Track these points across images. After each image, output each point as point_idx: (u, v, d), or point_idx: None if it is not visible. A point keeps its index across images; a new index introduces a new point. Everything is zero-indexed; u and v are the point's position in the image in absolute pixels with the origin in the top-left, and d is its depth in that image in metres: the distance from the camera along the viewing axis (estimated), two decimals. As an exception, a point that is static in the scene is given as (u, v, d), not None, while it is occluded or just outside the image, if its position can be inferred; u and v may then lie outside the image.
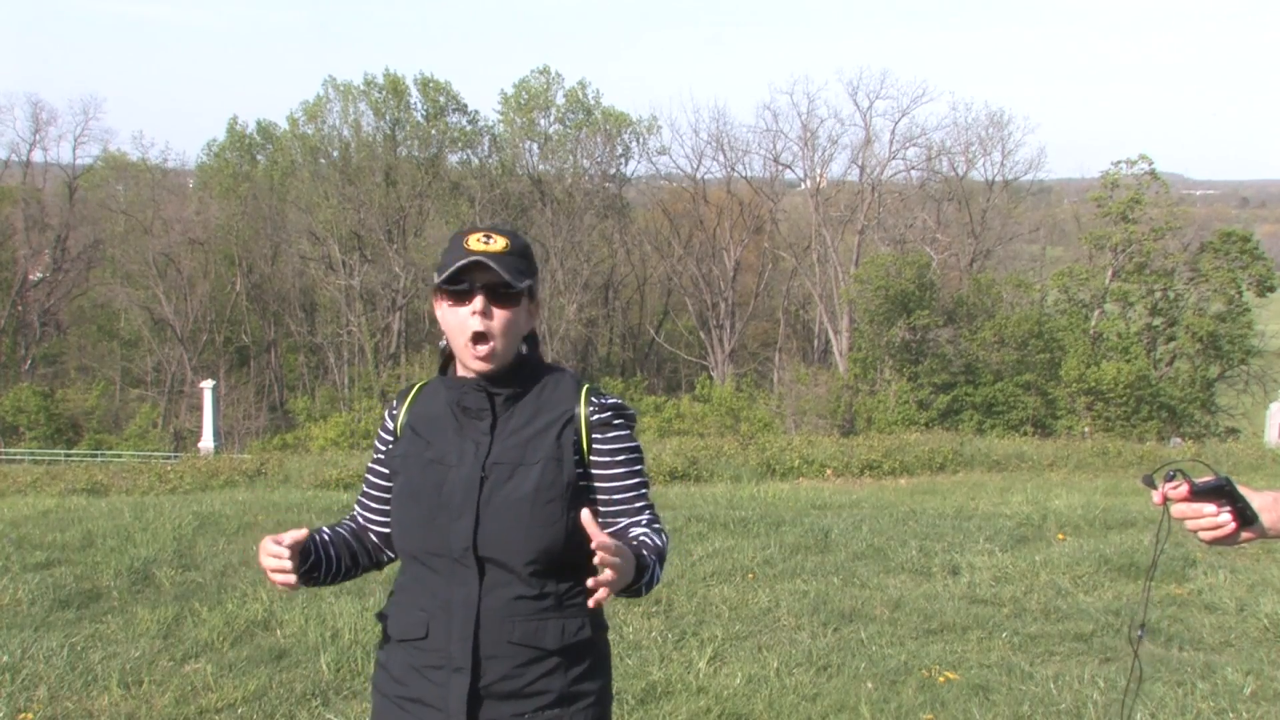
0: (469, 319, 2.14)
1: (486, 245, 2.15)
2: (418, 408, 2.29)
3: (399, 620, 2.23)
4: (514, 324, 2.17)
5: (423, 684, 2.19)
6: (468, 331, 2.14)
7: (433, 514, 2.16)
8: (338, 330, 50.78)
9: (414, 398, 2.31)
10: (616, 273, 55.71)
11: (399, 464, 2.25)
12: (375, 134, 52.83)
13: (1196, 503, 1.91)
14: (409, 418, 2.28)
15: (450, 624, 2.16)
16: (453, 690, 2.15)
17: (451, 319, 2.16)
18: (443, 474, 2.18)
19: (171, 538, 7.86)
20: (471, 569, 2.15)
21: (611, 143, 53.73)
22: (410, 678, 2.20)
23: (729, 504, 10.26)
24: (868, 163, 48.39)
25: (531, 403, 2.22)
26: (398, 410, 2.31)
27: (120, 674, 4.81)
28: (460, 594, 2.15)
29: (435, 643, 2.17)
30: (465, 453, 2.18)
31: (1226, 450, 18.91)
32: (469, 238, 2.17)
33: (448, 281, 2.14)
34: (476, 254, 2.13)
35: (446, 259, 2.17)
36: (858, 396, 39.09)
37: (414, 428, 2.26)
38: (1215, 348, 36.77)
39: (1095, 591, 6.51)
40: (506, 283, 2.14)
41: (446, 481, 2.17)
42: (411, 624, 2.20)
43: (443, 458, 2.19)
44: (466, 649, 2.14)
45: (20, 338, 51.08)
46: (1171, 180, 42.37)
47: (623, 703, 4.55)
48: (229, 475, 14.57)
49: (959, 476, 15.17)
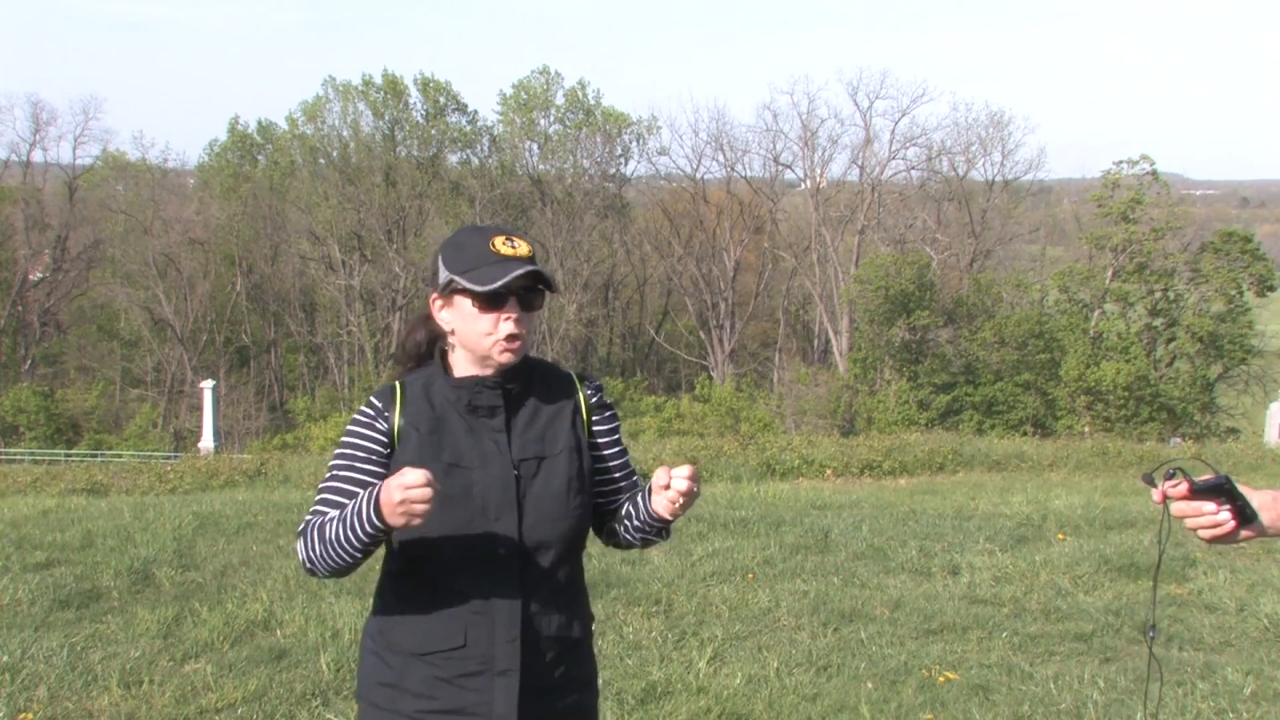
0: (503, 323, 2.12)
1: (515, 249, 2.14)
2: (411, 409, 2.18)
3: (420, 633, 2.14)
4: (536, 324, 2.22)
5: (459, 694, 2.13)
6: (501, 334, 2.13)
7: (470, 519, 2.11)
8: (338, 330, 50.78)
9: (403, 399, 2.20)
10: (616, 273, 55.72)
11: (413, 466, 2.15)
12: (375, 134, 52.85)
13: (1196, 501, 1.91)
14: (406, 420, 2.17)
15: (493, 627, 2.12)
16: (499, 694, 2.12)
17: (480, 324, 2.13)
18: (467, 477, 2.13)
19: (171, 538, 7.86)
20: (513, 569, 2.13)
21: (611, 143, 53.74)
22: (440, 690, 2.13)
23: (729, 504, 10.26)
24: (868, 163, 48.48)
25: (532, 395, 2.23)
26: (389, 413, 2.18)
27: (120, 674, 4.81)
28: (502, 595, 2.12)
29: (476, 649, 2.12)
30: (487, 453, 2.15)
31: (1226, 450, 18.92)
32: (493, 240, 2.14)
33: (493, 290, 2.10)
34: (515, 259, 2.12)
35: (476, 262, 2.12)
36: (858, 396, 39.10)
37: (416, 430, 2.16)
38: (1216, 348, 36.76)
39: (1095, 591, 6.51)
40: (546, 289, 2.16)
41: (475, 484, 2.13)
42: (442, 634, 2.13)
43: (461, 460, 2.14)
44: (514, 650, 2.13)
45: (20, 338, 51.08)
46: (1171, 180, 42.34)
47: (623, 703, 4.55)
48: (229, 475, 14.57)
49: (959, 476, 15.17)
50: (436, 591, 2.14)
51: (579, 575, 2.28)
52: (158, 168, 55.16)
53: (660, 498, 2.12)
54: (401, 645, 2.16)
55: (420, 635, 2.14)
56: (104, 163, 55.63)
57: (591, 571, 6.04)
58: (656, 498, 2.14)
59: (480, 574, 2.12)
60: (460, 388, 2.18)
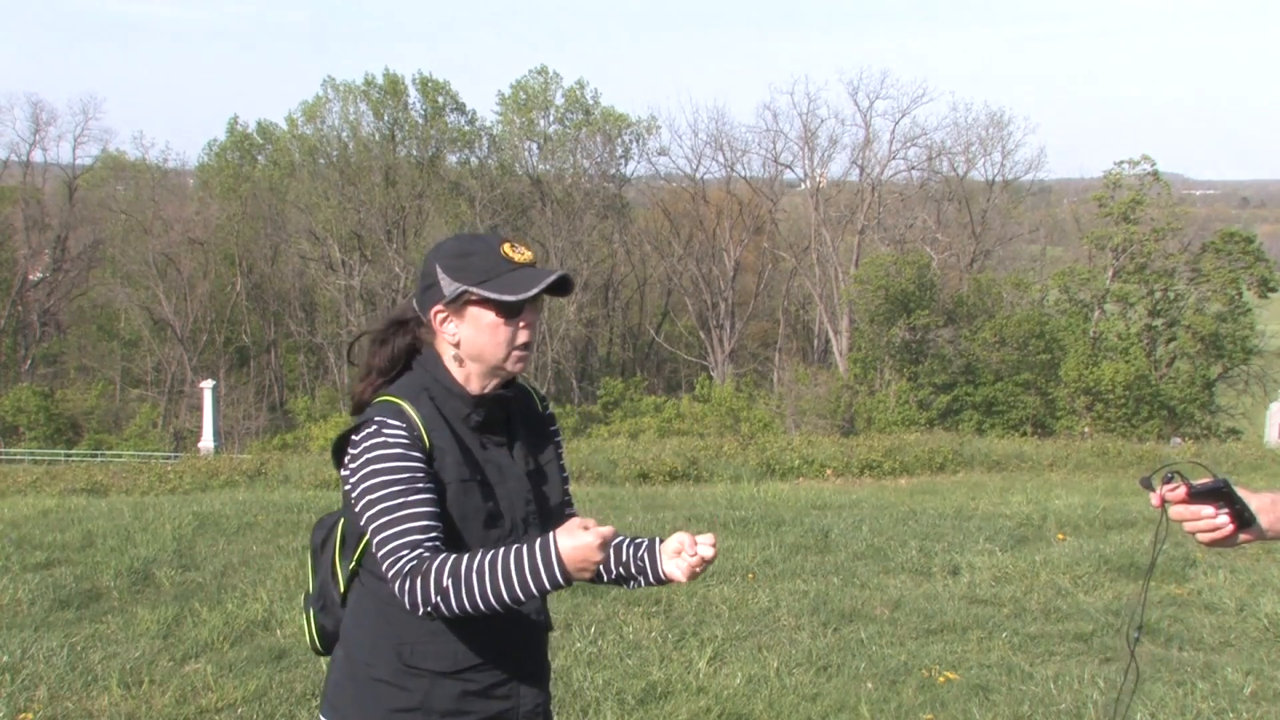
0: (519, 332, 2.10)
1: (524, 256, 2.11)
2: (430, 428, 2.09)
3: (452, 652, 2.09)
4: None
5: (488, 704, 2.14)
6: (516, 343, 2.11)
7: (505, 534, 2.10)
8: (338, 330, 50.75)
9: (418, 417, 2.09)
10: (616, 273, 55.73)
11: (454, 491, 2.06)
12: (374, 134, 52.86)
13: (1194, 504, 1.91)
14: (431, 439, 2.07)
15: (525, 638, 2.17)
16: (525, 698, 2.17)
17: (499, 334, 2.09)
18: (488, 493, 2.10)
19: (171, 538, 7.86)
20: None
21: (611, 143, 53.73)
22: (471, 703, 2.12)
23: (729, 504, 10.26)
24: (868, 163, 48.45)
25: (515, 407, 2.25)
26: (416, 430, 2.05)
27: (120, 674, 4.81)
28: (531, 605, 2.13)
29: (507, 662, 2.13)
30: (503, 467, 2.14)
31: (1226, 450, 18.91)
32: (502, 247, 2.10)
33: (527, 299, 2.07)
34: (537, 268, 2.10)
35: (493, 271, 2.07)
36: (858, 397, 39.08)
37: (445, 450, 2.07)
38: (1217, 347, 36.74)
39: (1095, 591, 6.51)
40: (564, 293, 2.13)
41: (497, 500, 2.11)
42: (479, 649, 2.10)
43: (486, 476, 2.11)
44: (540, 655, 2.20)
45: (20, 338, 51.10)
46: (1172, 180, 42.31)
47: (623, 703, 4.55)
48: (229, 475, 14.56)
49: (959, 476, 15.18)
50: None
51: None
52: (157, 168, 55.23)
53: (680, 562, 2.07)
54: (427, 666, 2.09)
55: (452, 654, 2.09)
56: (104, 163, 55.67)
57: (591, 572, 6.04)
58: (672, 562, 2.09)
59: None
60: (479, 404, 2.13)
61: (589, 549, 1.84)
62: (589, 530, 1.86)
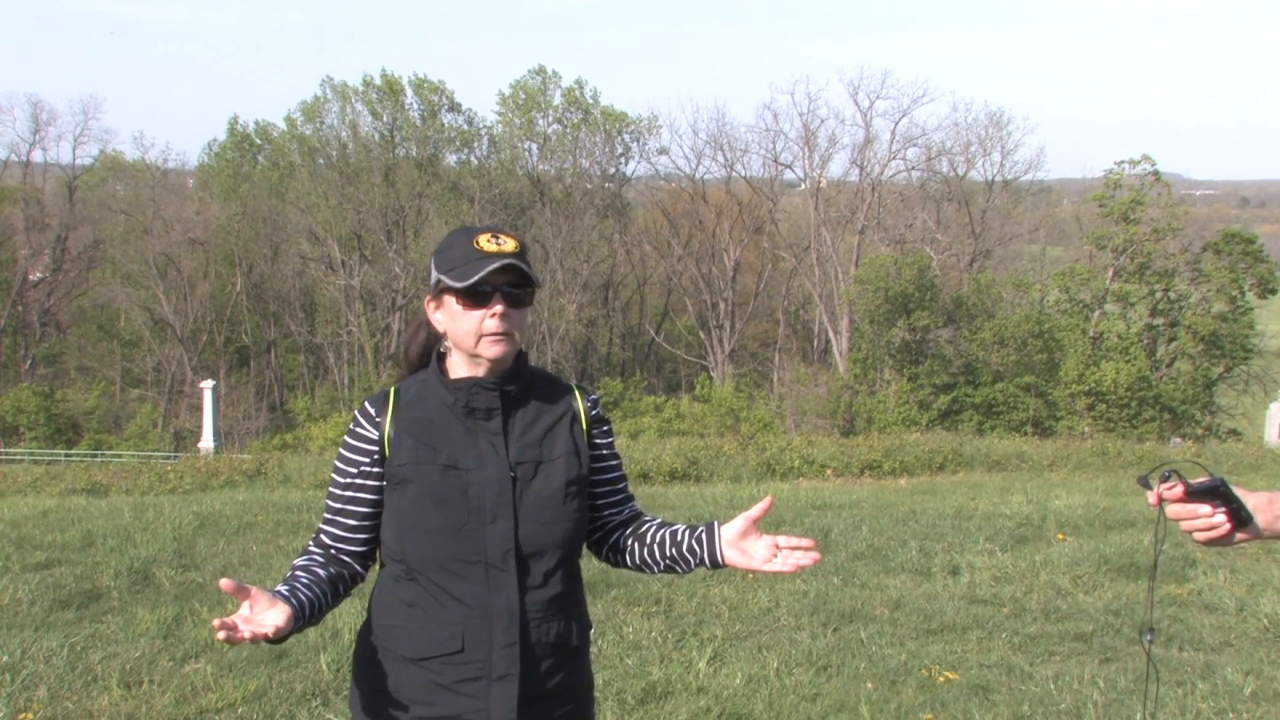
0: (487, 320, 2.11)
1: (500, 246, 2.12)
2: (405, 414, 2.17)
3: (415, 638, 2.13)
4: (525, 322, 2.19)
5: (456, 700, 2.11)
6: (486, 332, 2.11)
7: (463, 520, 2.10)
8: (337, 330, 50.79)
9: (395, 404, 2.19)
10: (616, 273, 55.72)
11: (408, 473, 2.13)
12: (373, 134, 52.87)
13: (1191, 504, 1.91)
14: (398, 425, 2.16)
15: (491, 632, 2.11)
16: (497, 700, 2.11)
17: (466, 321, 2.12)
18: (462, 479, 2.12)
19: (171, 538, 7.86)
20: (510, 572, 2.12)
21: (610, 143, 53.74)
22: (438, 696, 2.12)
23: (729, 504, 10.25)
24: (868, 163, 48.47)
25: (531, 399, 2.22)
26: (381, 419, 2.17)
27: (120, 674, 4.81)
28: (500, 600, 2.11)
29: (474, 654, 2.11)
30: (484, 455, 2.14)
31: (1226, 450, 18.91)
32: (478, 238, 2.12)
33: (471, 285, 2.09)
34: (495, 255, 2.10)
35: (460, 260, 2.11)
36: (858, 397, 39.09)
37: (410, 434, 2.15)
38: (1217, 347, 36.74)
39: (1095, 591, 6.51)
40: (529, 284, 2.15)
41: (471, 486, 2.12)
42: (438, 639, 2.11)
43: (456, 462, 2.13)
44: (513, 655, 2.11)
45: (20, 338, 51.09)
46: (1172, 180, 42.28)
47: (623, 703, 4.55)
48: (229, 475, 14.57)
49: (959, 477, 15.18)
50: (434, 595, 2.12)
51: (577, 582, 2.27)
52: (157, 168, 55.29)
53: (776, 561, 2.27)
54: (399, 650, 2.14)
55: (417, 640, 2.12)
56: (103, 163, 55.70)
57: (591, 572, 6.05)
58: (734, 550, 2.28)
59: (480, 577, 2.11)
60: (458, 389, 2.16)
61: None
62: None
